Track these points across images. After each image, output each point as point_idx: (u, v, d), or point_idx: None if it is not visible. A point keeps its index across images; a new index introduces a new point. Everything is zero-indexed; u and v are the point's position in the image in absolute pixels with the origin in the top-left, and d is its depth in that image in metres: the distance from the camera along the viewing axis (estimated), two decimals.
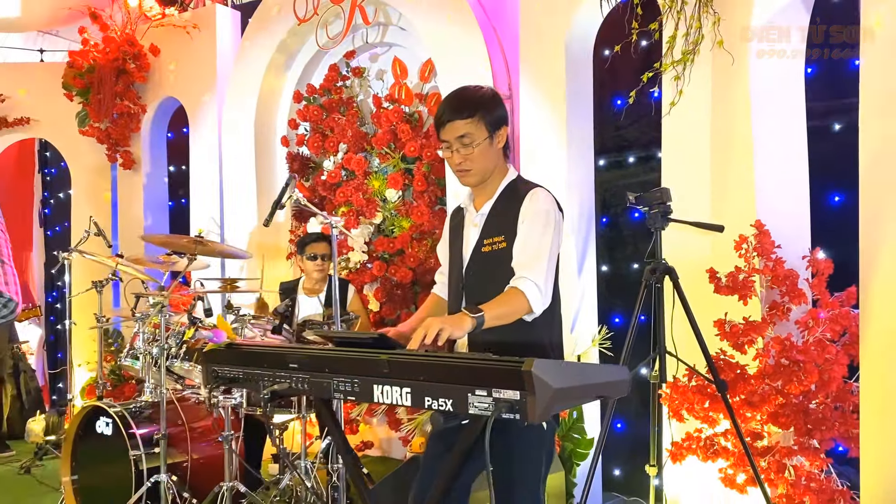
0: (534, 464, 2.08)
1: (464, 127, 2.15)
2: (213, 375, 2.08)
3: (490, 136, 2.16)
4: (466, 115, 2.15)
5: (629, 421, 4.01)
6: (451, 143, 2.19)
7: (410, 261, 4.66)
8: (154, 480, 3.30)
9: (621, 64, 4.04)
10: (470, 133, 2.15)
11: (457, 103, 2.19)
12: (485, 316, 1.98)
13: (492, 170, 2.21)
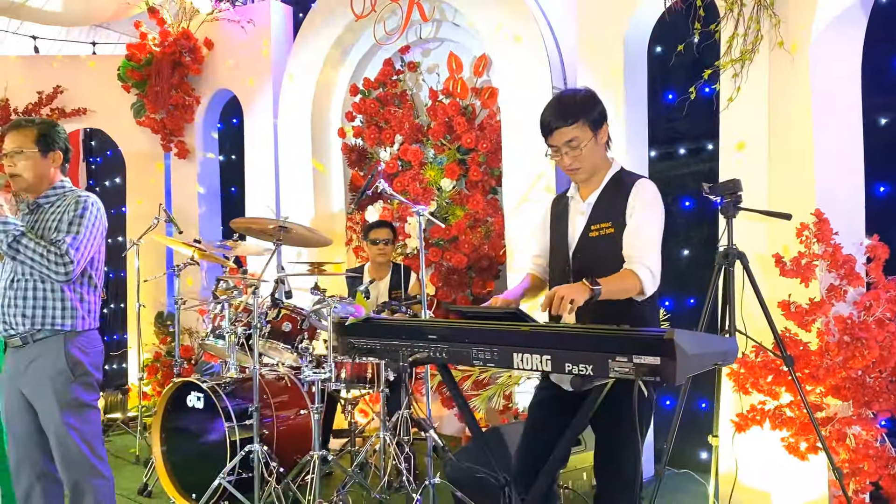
0: (632, 429, 2.31)
1: (570, 132, 2.34)
2: (349, 347, 2.32)
3: (594, 136, 2.36)
4: (571, 121, 2.33)
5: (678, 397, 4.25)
6: (560, 147, 2.38)
7: (465, 247, 4.89)
8: (247, 450, 3.54)
9: (671, 61, 4.28)
10: (576, 137, 2.34)
11: (561, 110, 2.37)
12: (601, 289, 2.22)
13: (598, 164, 2.42)
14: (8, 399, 2.78)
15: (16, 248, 2.59)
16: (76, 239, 2.65)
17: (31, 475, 2.79)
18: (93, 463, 2.72)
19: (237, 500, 3.67)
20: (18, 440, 2.79)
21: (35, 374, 2.68)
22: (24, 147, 2.71)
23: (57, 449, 2.69)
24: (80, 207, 2.70)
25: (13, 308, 2.68)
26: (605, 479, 2.35)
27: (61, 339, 2.70)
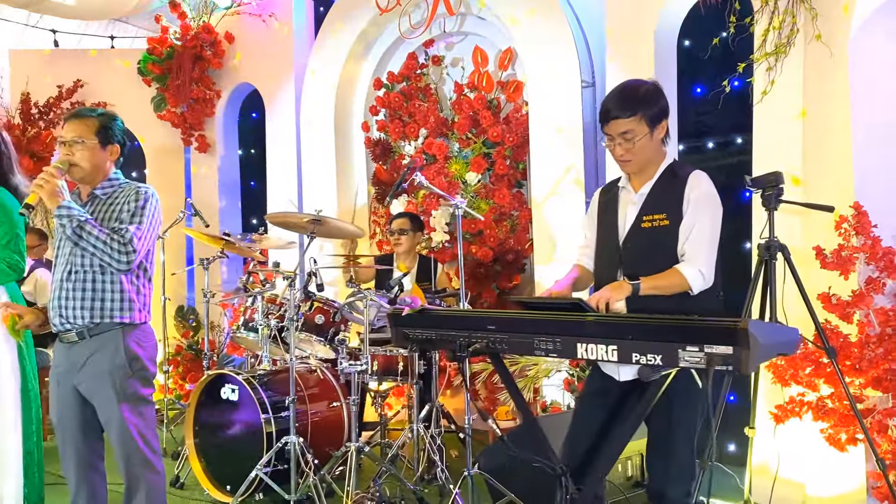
0: (692, 416, 2.33)
1: (626, 124, 2.34)
2: (403, 337, 2.34)
3: (650, 132, 2.36)
4: (629, 113, 2.34)
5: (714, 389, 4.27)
6: (615, 137, 2.39)
7: (490, 241, 4.91)
8: (284, 442, 3.56)
9: (700, 54, 4.30)
10: (632, 129, 2.34)
11: (621, 102, 2.37)
12: (640, 285, 2.24)
13: (650, 158, 2.42)
14: (60, 394, 2.77)
15: (79, 234, 2.56)
16: (139, 228, 2.64)
17: (80, 470, 2.80)
18: (147, 457, 2.73)
19: (271, 491, 3.70)
20: (69, 436, 2.78)
21: (93, 369, 2.66)
22: (85, 137, 2.68)
23: (116, 443, 2.70)
24: (142, 199, 2.68)
25: (71, 301, 2.66)
26: (659, 470, 2.37)
27: (119, 333, 2.68)
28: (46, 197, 2.56)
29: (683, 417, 2.32)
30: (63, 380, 2.76)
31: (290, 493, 3.55)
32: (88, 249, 2.59)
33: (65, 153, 2.69)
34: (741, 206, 3.92)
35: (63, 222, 2.57)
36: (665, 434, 2.33)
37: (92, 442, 2.82)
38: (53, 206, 2.57)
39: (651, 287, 2.27)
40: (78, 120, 2.72)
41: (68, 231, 2.57)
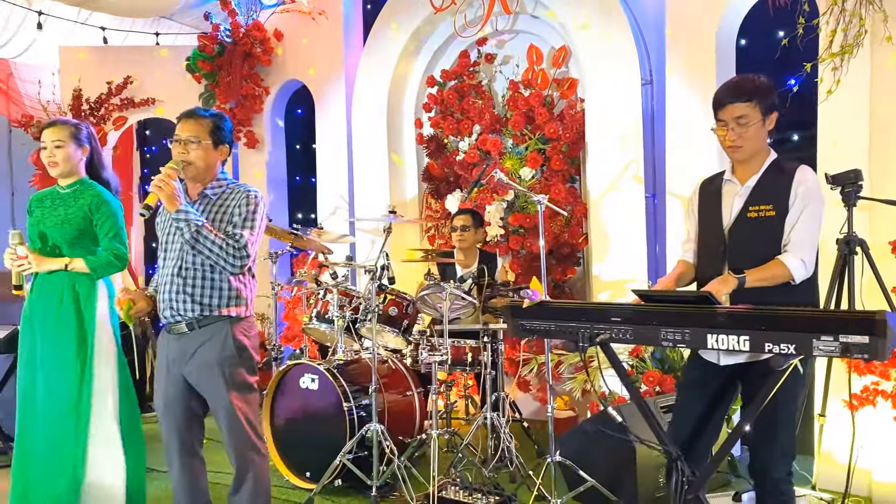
0: (794, 404, 2.46)
1: (741, 109, 2.46)
2: (520, 328, 2.46)
3: (763, 119, 2.48)
4: (745, 98, 2.45)
5: None
6: (728, 122, 2.50)
7: (545, 235, 5.01)
8: (366, 429, 3.69)
9: (755, 53, 4.42)
10: (746, 115, 2.46)
11: (737, 88, 2.50)
12: (746, 278, 2.36)
13: (758, 149, 2.54)
14: (166, 384, 2.88)
15: (196, 239, 2.65)
16: (252, 234, 2.75)
17: (182, 456, 2.91)
18: (255, 441, 2.85)
19: (350, 477, 3.83)
20: (174, 423, 2.89)
21: (203, 358, 2.77)
22: (200, 136, 2.76)
23: (225, 429, 2.81)
24: (252, 203, 2.78)
25: (182, 295, 2.76)
26: (764, 452, 2.49)
27: (227, 324, 2.79)
28: (165, 200, 2.66)
29: (787, 403, 2.44)
30: (171, 369, 2.87)
31: (371, 479, 3.68)
32: (204, 253, 2.69)
33: (179, 152, 2.78)
34: None
35: (181, 226, 2.66)
36: (771, 418, 2.45)
37: (194, 429, 2.95)
38: (172, 210, 2.66)
39: (756, 280, 2.39)
40: (193, 119, 2.81)
41: (186, 236, 2.66)
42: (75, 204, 3.22)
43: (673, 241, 4.45)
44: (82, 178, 3.30)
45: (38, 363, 3.15)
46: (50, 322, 3.15)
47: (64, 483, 3.12)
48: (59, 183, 3.29)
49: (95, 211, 3.21)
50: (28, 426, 3.16)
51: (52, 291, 3.17)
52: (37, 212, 3.26)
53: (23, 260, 3.09)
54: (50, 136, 3.21)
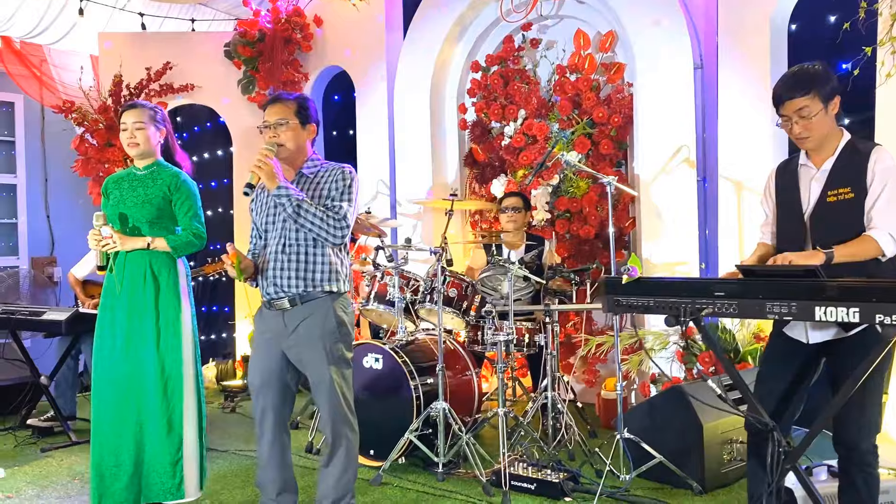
0: (881, 376, 2.52)
1: (801, 102, 2.51)
2: (616, 304, 2.51)
3: (825, 107, 2.53)
4: (804, 92, 2.51)
5: None
6: (791, 116, 2.56)
7: (591, 219, 5.08)
8: (433, 407, 3.75)
9: (809, 38, 4.47)
10: (807, 106, 2.51)
11: (794, 83, 2.55)
12: (834, 253, 2.42)
13: (827, 134, 2.59)
14: (265, 358, 2.94)
15: (298, 213, 2.75)
16: (350, 206, 2.84)
17: (275, 432, 2.98)
18: (349, 416, 2.92)
19: (413, 455, 3.90)
20: (270, 399, 2.95)
21: (306, 332, 2.84)
22: (288, 118, 2.86)
23: (324, 402, 2.88)
24: (349, 178, 2.87)
25: (286, 271, 2.84)
26: (852, 425, 2.55)
27: (329, 300, 2.87)
28: (266, 178, 2.75)
29: (875, 375, 2.50)
30: (270, 345, 2.94)
31: (437, 456, 3.75)
32: (306, 226, 2.78)
33: (271, 136, 2.86)
34: None
35: (283, 202, 2.75)
36: (860, 391, 2.50)
37: (288, 405, 3.02)
38: (272, 187, 2.75)
39: (845, 255, 2.44)
40: (279, 103, 2.90)
41: (289, 210, 2.75)
42: (154, 185, 3.28)
43: (726, 224, 4.50)
44: (158, 160, 3.36)
45: (122, 342, 3.20)
46: (134, 301, 3.20)
47: (159, 463, 3.19)
48: (136, 164, 3.34)
49: (175, 191, 3.29)
50: (110, 405, 3.20)
51: (134, 270, 3.23)
52: (115, 193, 3.32)
53: (108, 240, 3.15)
54: (130, 118, 3.26)
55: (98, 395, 3.24)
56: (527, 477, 3.52)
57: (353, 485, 2.99)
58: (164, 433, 3.18)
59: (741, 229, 4.45)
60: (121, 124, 3.30)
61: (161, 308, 3.21)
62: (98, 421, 3.21)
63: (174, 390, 3.20)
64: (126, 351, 3.18)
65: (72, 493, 3.69)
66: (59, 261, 7.84)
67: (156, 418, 3.17)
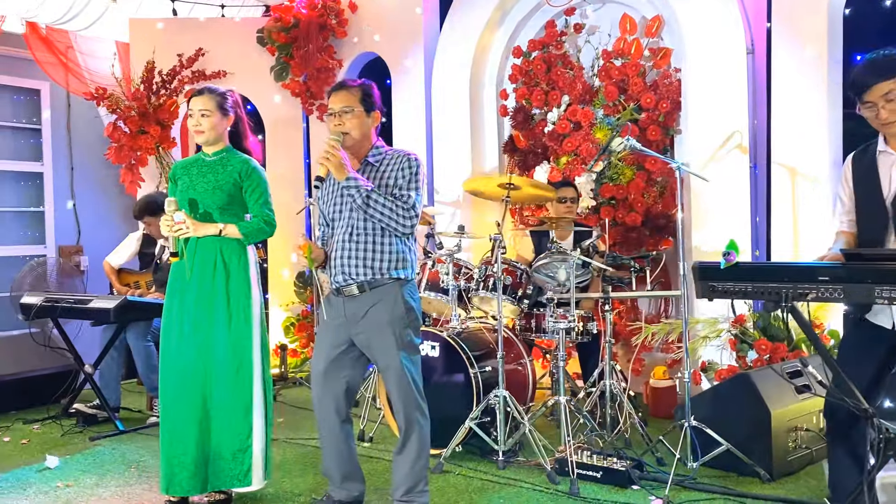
0: None
1: (887, 86, 2.48)
2: (710, 290, 2.48)
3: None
4: (889, 75, 2.48)
5: None
6: (876, 101, 2.52)
7: (638, 205, 5.03)
8: (494, 395, 3.72)
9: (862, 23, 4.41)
10: (893, 90, 2.47)
11: (877, 68, 2.52)
12: None
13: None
14: (331, 345, 2.93)
15: (367, 203, 2.74)
16: (417, 194, 2.83)
17: (338, 420, 2.99)
18: (420, 402, 2.90)
19: (469, 443, 3.87)
20: (335, 387, 2.95)
21: (374, 319, 2.83)
22: (353, 105, 2.84)
23: (394, 388, 2.86)
24: (415, 167, 2.86)
25: (354, 259, 2.83)
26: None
27: (397, 286, 2.85)
28: (334, 169, 2.75)
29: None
30: (338, 332, 2.93)
31: (497, 444, 3.72)
32: (376, 217, 2.78)
33: (336, 124, 2.85)
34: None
35: (352, 193, 2.75)
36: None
37: (351, 394, 3.01)
38: (341, 178, 2.76)
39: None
40: (344, 90, 2.89)
41: (358, 201, 2.75)
42: (224, 171, 3.25)
43: (779, 210, 4.46)
44: (227, 146, 3.32)
45: (190, 328, 3.16)
46: (204, 287, 3.17)
47: (227, 451, 3.17)
48: (205, 151, 3.30)
49: (245, 178, 3.25)
50: (178, 392, 3.17)
51: (205, 257, 3.19)
52: (184, 179, 3.28)
53: (180, 225, 3.10)
54: (197, 104, 3.21)
55: (165, 383, 3.21)
56: (592, 465, 3.49)
57: (426, 471, 2.98)
58: (234, 420, 3.16)
59: (795, 216, 4.41)
60: (188, 110, 3.25)
61: (232, 295, 3.18)
62: (166, 408, 3.19)
63: (245, 377, 3.18)
64: (195, 338, 3.15)
65: (130, 481, 3.66)
66: (86, 249, 7.80)
67: (226, 406, 3.15)
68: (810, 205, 4.35)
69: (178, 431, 3.14)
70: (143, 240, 5.91)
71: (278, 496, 3.40)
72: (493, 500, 3.32)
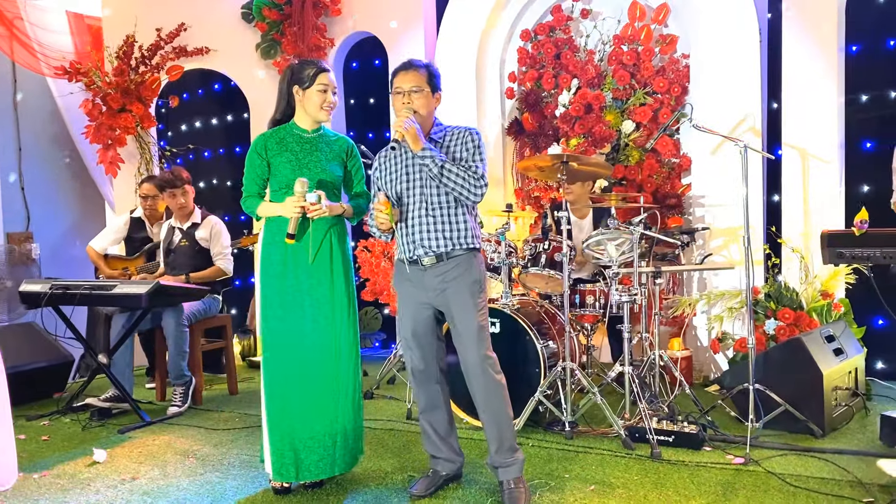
0: None
1: None
2: (838, 256, 2.68)
3: None
4: None
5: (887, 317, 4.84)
6: None
7: (648, 186, 5.26)
8: (561, 367, 3.82)
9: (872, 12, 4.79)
10: None
11: None
12: None
13: None
14: (415, 314, 3.03)
15: (441, 173, 2.85)
16: (484, 165, 2.94)
17: (433, 381, 3.11)
18: (496, 361, 3.00)
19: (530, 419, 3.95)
20: (425, 351, 3.05)
21: (453, 285, 2.94)
22: (421, 85, 2.92)
23: (476, 346, 2.94)
24: (477, 139, 2.97)
25: (432, 233, 2.93)
26: None
27: (470, 256, 2.98)
28: (411, 140, 2.85)
29: None
30: (419, 298, 3.02)
31: (564, 416, 3.83)
32: (449, 185, 2.87)
33: (404, 102, 2.93)
34: None
35: (427, 163, 2.86)
36: None
37: (441, 356, 3.13)
38: (417, 149, 2.86)
39: None
40: (413, 71, 2.96)
41: (434, 171, 2.86)
42: (329, 149, 3.21)
43: (791, 191, 4.79)
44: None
45: (312, 311, 3.09)
46: (321, 270, 3.11)
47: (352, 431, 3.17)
48: (301, 126, 3.19)
49: (350, 157, 3.27)
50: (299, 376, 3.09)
51: (318, 238, 3.12)
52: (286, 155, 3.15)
53: (316, 206, 3.00)
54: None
55: (278, 368, 3.11)
56: (664, 430, 3.66)
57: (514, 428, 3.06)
58: (353, 402, 3.17)
59: (806, 196, 4.75)
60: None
61: (347, 277, 3.16)
62: (283, 395, 3.10)
63: (357, 359, 3.17)
64: (317, 321, 3.08)
65: (199, 470, 3.51)
66: (36, 236, 7.31)
67: (348, 387, 3.14)
68: (820, 185, 4.70)
69: (301, 417, 3.07)
70: (131, 224, 5.63)
71: (370, 476, 3.36)
72: (585, 466, 3.41)
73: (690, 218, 5.23)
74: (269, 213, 3.15)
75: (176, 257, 4.94)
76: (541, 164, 4.07)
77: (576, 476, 3.28)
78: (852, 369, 4.12)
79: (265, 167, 3.17)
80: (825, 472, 3.22)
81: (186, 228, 4.97)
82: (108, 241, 5.57)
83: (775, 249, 4.80)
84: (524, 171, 4.22)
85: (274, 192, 3.17)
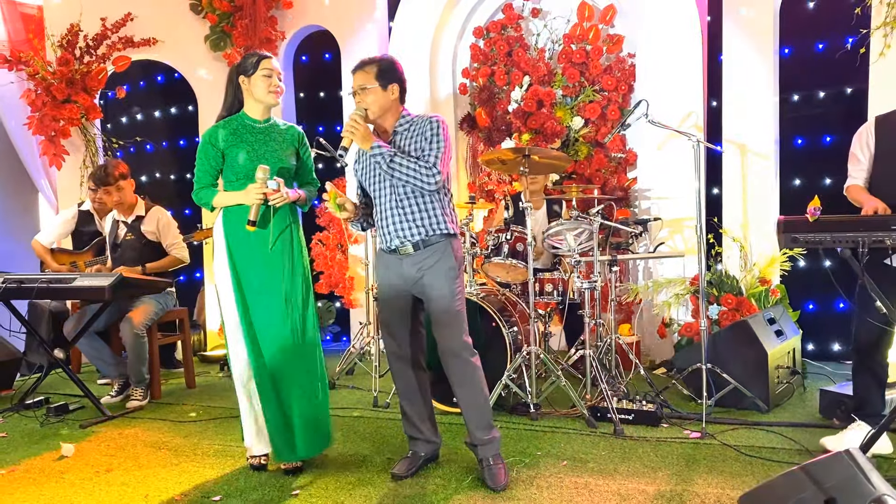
0: None
1: None
2: (793, 241, 2.91)
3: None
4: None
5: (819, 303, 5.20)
6: None
7: (596, 180, 5.49)
8: (526, 352, 3.98)
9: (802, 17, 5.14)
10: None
11: None
12: None
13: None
14: (393, 301, 3.13)
15: (391, 167, 2.92)
16: (438, 151, 2.95)
17: (411, 366, 3.21)
18: (470, 344, 3.11)
19: (499, 402, 4.09)
20: (403, 337, 3.16)
21: (432, 272, 3.03)
22: (367, 83, 3.00)
23: (452, 331, 3.05)
24: (435, 127, 2.98)
25: (405, 222, 3.02)
26: None
27: (448, 241, 3.07)
28: (359, 140, 2.95)
29: None
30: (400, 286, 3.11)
31: (531, 398, 4.00)
32: (402, 178, 2.95)
33: (357, 101, 3.03)
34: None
35: (378, 160, 2.95)
36: None
37: (419, 342, 3.23)
38: (367, 147, 2.95)
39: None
40: (360, 71, 3.05)
41: (384, 166, 2.94)
42: (282, 139, 3.28)
43: (731, 184, 5.09)
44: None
45: (279, 300, 3.15)
46: (284, 258, 3.19)
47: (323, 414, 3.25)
48: (250, 115, 3.25)
49: (302, 145, 3.37)
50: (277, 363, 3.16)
51: (279, 225, 3.18)
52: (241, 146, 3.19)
53: (276, 193, 3.06)
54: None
55: (263, 354, 3.16)
56: (623, 409, 3.87)
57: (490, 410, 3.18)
58: (322, 386, 3.25)
59: (745, 188, 5.06)
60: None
61: (305, 263, 3.27)
62: (271, 378, 3.16)
63: (320, 343, 3.30)
64: (284, 305, 3.14)
65: (173, 461, 3.51)
66: None
67: (317, 373, 3.25)
68: (758, 178, 5.02)
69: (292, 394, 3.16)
70: (79, 217, 5.51)
71: (348, 461, 3.43)
72: (554, 444, 3.58)
73: (636, 210, 5.49)
74: (227, 202, 3.17)
75: (123, 251, 4.83)
76: (504, 158, 4.22)
77: (547, 453, 3.44)
78: (791, 350, 4.44)
79: (219, 158, 3.20)
80: (775, 443, 3.48)
81: (131, 222, 4.85)
82: (55, 236, 5.43)
83: (716, 239, 5.09)
84: (487, 164, 4.35)
85: (229, 182, 3.20)
